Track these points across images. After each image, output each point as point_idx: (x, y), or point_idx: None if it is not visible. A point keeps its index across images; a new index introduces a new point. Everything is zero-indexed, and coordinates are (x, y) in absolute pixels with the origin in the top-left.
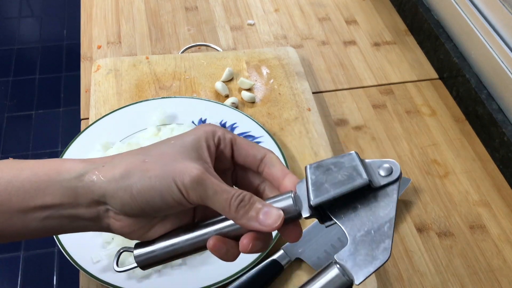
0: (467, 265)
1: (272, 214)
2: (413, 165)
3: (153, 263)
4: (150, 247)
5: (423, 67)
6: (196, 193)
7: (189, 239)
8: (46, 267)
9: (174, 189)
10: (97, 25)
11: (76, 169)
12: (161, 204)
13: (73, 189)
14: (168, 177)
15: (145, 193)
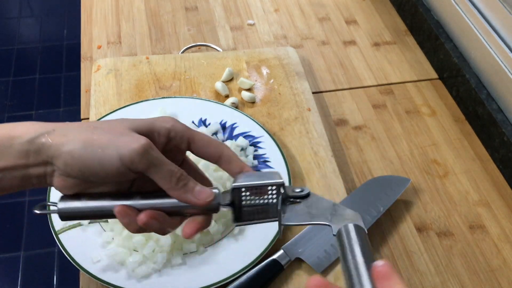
0: (467, 265)
1: (206, 191)
2: (413, 165)
3: (73, 216)
4: (74, 202)
5: (423, 67)
6: (142, 161)
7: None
8: (46, 267)
9: (114, 158)
10: (97, 25)
11: (29, 133)
12: (99, 170)
13: (26, 152)
14: (111, 147)
15: (85, 158)
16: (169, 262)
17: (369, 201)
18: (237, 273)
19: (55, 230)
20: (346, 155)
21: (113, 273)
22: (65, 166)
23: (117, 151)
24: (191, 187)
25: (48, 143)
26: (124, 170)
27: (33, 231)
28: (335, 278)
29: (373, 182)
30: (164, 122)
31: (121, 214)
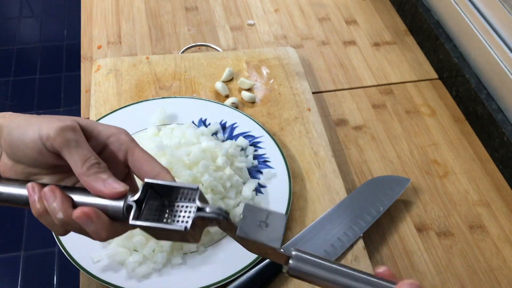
0: (467, 265)
1: (117, 184)
2: (413, 165)
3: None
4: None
5: (423, 67)
6: (57, 139)
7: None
8: (46, 267)
9: (35, 134)
10: (97, 25)
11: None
12: (20, 144)
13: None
14: (37, 125)
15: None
16: (169, 262)
17: (369, 201)
18: (237, 273)
19: None
20: (346, 155)
21: (113, 273)
22: (4, 143)
23: (39, 128)
24: (104, 178)
25: (1, 123)
26: (40, 146)
27: (33, 231)
28: None
29: (373, 182)
30: (111, 127)
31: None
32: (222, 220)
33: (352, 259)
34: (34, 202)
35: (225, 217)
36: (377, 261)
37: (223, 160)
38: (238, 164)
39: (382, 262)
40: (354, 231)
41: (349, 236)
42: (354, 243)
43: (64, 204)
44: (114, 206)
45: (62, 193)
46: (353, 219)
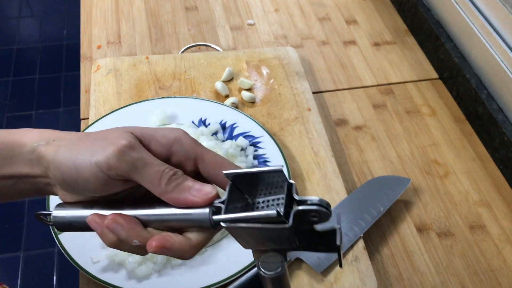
0: (467, 265)
1: (206, 187)
2: (413, 165)
3: (67, 227)
4: (67, 211)
5: (423, 67)
6: (122, 165)
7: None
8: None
9: (89, 164)
10: (97, 25)
11: (32, 141)
12: (77, 178)
13: (30, 161)
14: (86, 152)
15: (64, 168)
16: (169, 262)
17: (369, 201)
18: (237, 273)
19: (55, 230)
20: (346, 155)
21: (113, 273)
22: (54, 178)
23: (92, 156)
24: (188, 185)
25: (44, 153)
26: (103, 176)
27: (33, 231)
28: (335, 279)
29: (373, 182)
30: (168, 131)
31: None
32: (324, 212)
33: (352, 259)
34: (102, 235)
35: (327, 208)
36: (377, 261)
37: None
38: (238, 164)
39: (382, 262)
40: (354, 231)
41: (349, 236)
42: (354, 243)
43: (133, 230)
44: (199, 214)
45: (127, 220)
46: (353, 219)
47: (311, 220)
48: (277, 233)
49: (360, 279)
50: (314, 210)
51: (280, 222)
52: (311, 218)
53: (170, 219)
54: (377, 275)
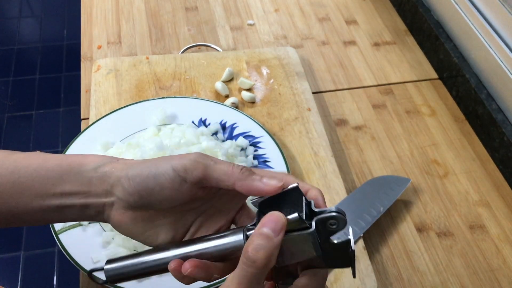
0: (467, 265)
1: (274, 180)
2: (413, 165)
3: (122, 278)
4: (120, 263)
5: (423, 67)
6: (197, 168)
7: (157, 259)
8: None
9: (168, 169)
10: (97, 25)
11: (95, 161)
12: (154, 185)
13: (89, 179)
14: (164, 163)
15: (142, 177)
16: None
17: (369, 201)
18: None
19: (55, 230)
20: (346, 155)
21: None
22: (124, 193)
23: (171, 165)
24: (258, 177)
25: (110, 171)
26: (179, 182)
27: (33, 231)
28: (335, 278)
29: (373, 182)
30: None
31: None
32: (341, 218)
33: None
34: (182, 279)
35: (344, 215)
36: (377, 261)
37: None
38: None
39: (382, 262)
40: (354, 231)
41: None
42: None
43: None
44: (235, 241)
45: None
46: (353, 219)
47: (330, 228)
48: (303, 240)
49: (360, 279)
50: (332, 217)
51: (304, 228)
52: (330, 226)
53: (212, 251)
54: (377, 275)
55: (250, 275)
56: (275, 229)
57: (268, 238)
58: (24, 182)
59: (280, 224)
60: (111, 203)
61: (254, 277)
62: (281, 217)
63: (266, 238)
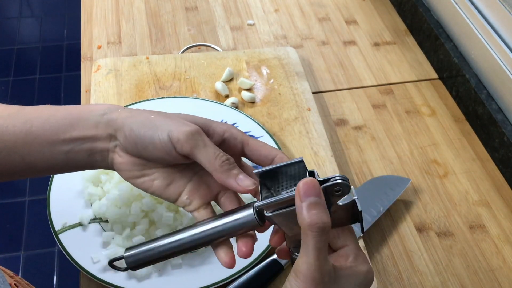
0: (467, 265)
1: (249, 179)
2: (413, 165)
3: (141, 264)
4: (138, 249)
5: (423, 67)
6: (188, 143)
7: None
8: (46, 267)
9: (164, 135)
10: (97, 25)
11: (103, 108)
12: (149, 144)
13: (96, 124)
14: (164, 126)
15: (140, 133)
16: (169, 262)
17: (369, 201)
18: (237, 273)
19: (55, 230)
20: (346, 155)
21: (113, 273)
22: (124, 139)
23: (168, 130)
24: (235, 173)
25: (115, 117)
26: (170, 148)
27: (33, 231)
28: None
29: (373, 182)
30: (221, 124)
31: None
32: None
33: None
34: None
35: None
36: (377, 261)
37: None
38: None
39: (382, 262)
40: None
41: None
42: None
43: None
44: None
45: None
46: None
47: (336, 195)
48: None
49: None
50: (337, 184)
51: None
52: (336, 193)
53: (225, 228)
54: (377, 275)
55: (325, 240)
56: (317, 194)
57: (318, 204)
58: (36, 131)
59: (317, 188)
60: (114, 147)
61: (325, 241)
62: (315, 182)
63: (317, 205)
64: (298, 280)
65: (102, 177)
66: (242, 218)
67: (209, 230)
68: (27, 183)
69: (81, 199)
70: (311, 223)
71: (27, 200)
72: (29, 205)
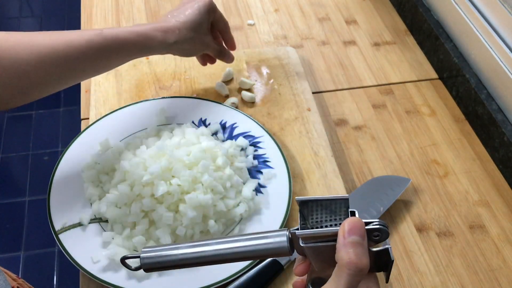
0: (467, 265)
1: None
2: (413, 165)
3: (156, 267)
4: (157, 253)
5: (423, 67)
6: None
7: (196, 252)
8: (46, 267)
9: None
10: (97, 25)
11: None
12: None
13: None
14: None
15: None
16: None
17: (369, 201)
18: (237, 273)
19: (55, 230)
20: (346, 155)
21: (113, 273)
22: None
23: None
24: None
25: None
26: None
27: (33, 231)
28: None
29: (373, 182)
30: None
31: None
32: (385, 230)
33: None
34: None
35: (387, 227)
36: None
37: (223, 160)
38: (238, 164)
39: None
40: None
41: None
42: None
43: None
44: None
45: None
46: None
47: (373, 239)
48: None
49: None
50: (377, 229)
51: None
52: (373, 238)
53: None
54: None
55: (358, 281)
56: (362, 235)
57: (361, 244)
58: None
59: (363, 229)
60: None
61: (358, 281)
62: (362, 223)
63: (359, 245)
64: None
65: (102, 177)
66: (273, 243)
67: (236, 249)
68: (27, 183)
69: (81, 199)
70: (350, 262)
71: (27, 200)
72: (29, 205)
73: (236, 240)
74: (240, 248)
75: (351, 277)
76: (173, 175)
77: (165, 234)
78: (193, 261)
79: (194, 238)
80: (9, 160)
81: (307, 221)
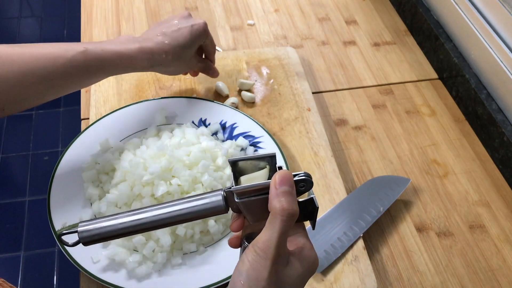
0: (467, 265)
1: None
2: (413, 165)
3: (95, 240)
4: (95, 225)
5: (422, 67)
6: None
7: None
8: (46, 267)
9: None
10: (97, 25)
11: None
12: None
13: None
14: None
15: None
16: (169, 262)
17: (369, 201)
18: None
19: (55, 230)
20: (346, 155)
21: (113, 273)
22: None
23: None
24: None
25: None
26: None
27: (33, 231)
28: (335, 278)
29: (373, 182)
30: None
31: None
32: (309, 180)
33: (352, 259)
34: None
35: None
36: (377, 261)
37: (223, 160)
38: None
39: (382, 262)
40: (354, 231)
41: (349, 236)
42: (354, 243)
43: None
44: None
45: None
46: (353, 219)
47: (299, 190)
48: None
49: (360, 278)
50: (302, 180)
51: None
52: (300, 188)
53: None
54: (377, 275)
55: (290, 226)
56: (291, 185)
57: (291, 193)
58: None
59: (291, 180)
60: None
61: (290, 226)
62: (291, 174)
63: (289, 193)
64: (256, 255)
65: (102, 177)
66: (210, 203)
67: (173, 212)
68: (27, 183)
69: (81, 199)
70: (283, 209)
71: (27, 200)
72: (29, 205)
73: (174, 204)
74: (178, 211)
75: (284, 222)
76: (173, 175)
77: (164, 234)
78: (133, 229)
79: (195, 238)
80: (9, 160)
81: (240, 180)
